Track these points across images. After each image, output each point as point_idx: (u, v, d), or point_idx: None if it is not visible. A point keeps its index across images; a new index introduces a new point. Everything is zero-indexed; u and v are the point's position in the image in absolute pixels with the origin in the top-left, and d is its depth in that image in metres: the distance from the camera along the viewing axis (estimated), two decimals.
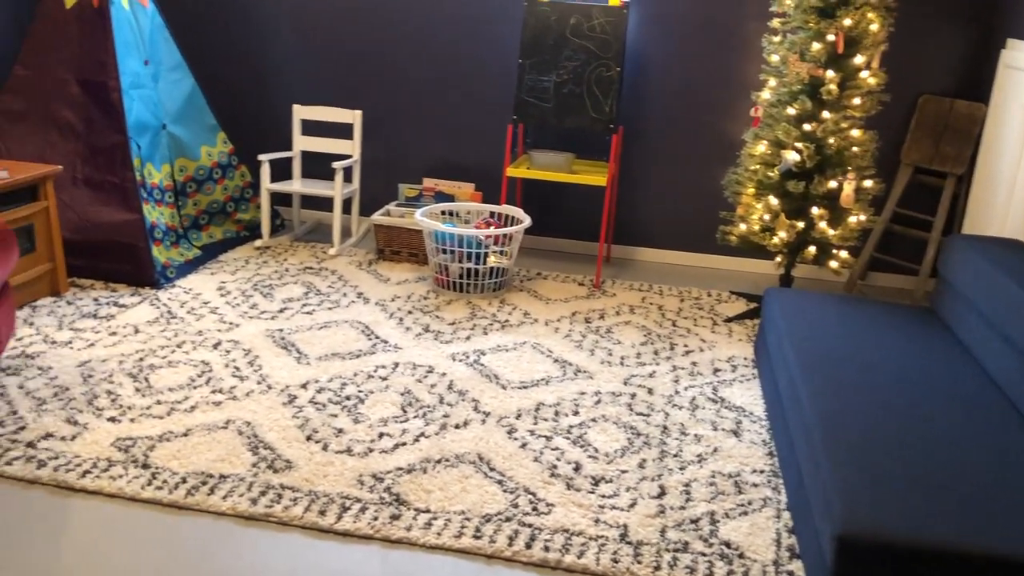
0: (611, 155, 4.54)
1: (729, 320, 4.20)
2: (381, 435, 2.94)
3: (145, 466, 2.67)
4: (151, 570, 2.26)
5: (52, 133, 4.21)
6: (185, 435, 2.86)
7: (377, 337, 3.74)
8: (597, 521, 2.53)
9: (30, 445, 2.75)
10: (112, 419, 2.93)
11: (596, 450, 2.93)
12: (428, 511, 2.53)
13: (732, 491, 2.74)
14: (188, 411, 3.02)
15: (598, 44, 4.45)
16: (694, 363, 3.67)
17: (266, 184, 4.78)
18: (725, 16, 4.64)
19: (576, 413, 3.18)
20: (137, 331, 3.64)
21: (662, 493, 2.70)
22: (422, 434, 2.96)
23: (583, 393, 3.34)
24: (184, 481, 2.61)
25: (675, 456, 2.92)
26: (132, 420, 2.93)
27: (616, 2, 4.45)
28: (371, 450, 2.84)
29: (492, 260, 4.25)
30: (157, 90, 4.50)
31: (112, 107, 4.16)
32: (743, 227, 4.18)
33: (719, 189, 4.86)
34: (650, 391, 3.39)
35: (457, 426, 3.03)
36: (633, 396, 3.34)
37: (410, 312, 4.05)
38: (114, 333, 3.60)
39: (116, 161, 4.15)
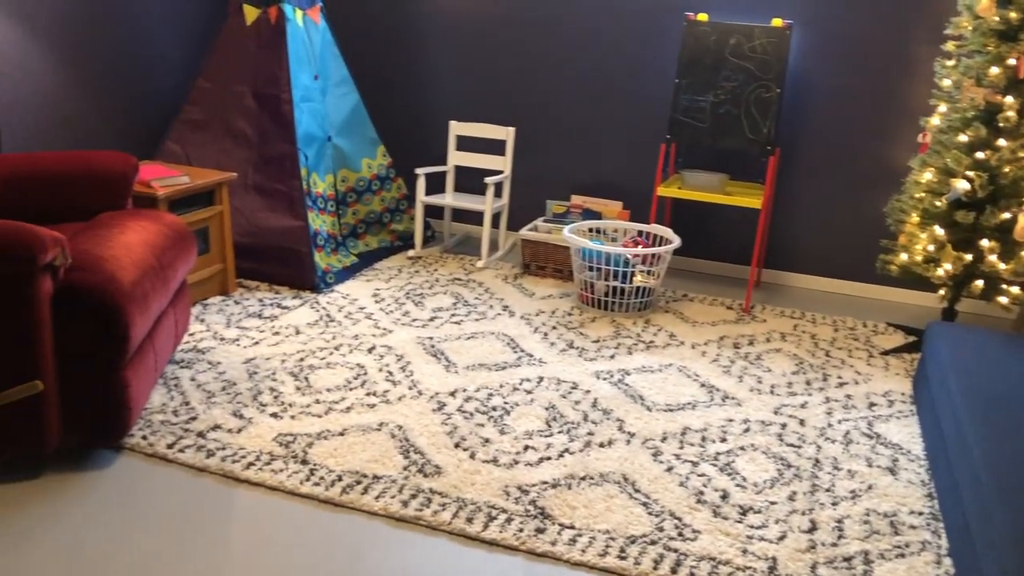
0: (767, 177, 4.45)
1: (886, 353, 4.03)
2: (526, 447, 2.97)
3: (304, 462, 2.80)
4: (306, 563, 2.37)
5: (228, 142, 4.49)
6: (341, 434, 2.98)
7: (522, 350, 3.79)
8: (745, 551, 2.48)
9: (200, 435, 2.93)
10: (274, 415, 3.09)
11: (744, 479, 2.86)
12: (572, 527, 2.55)
13: (888, 531, 2.63)
14: (344, 411, 3.15)
15: (758, 65, 4.37)
16: (848, 396, 3.54)
17: (421, 197, 4.93)
18: (892, 39, 4.48)
19: (724, 440, 3.12)
20: (298, 332, 3.82)
21: (813, 528, 2.62)
22: (566, 450, 2.98)
23: (731, 420, 3.28)
24: (340, 479, 2.72)
25: (827, 491, 2.82)
26: (293, 417, 3.08)
27: (779, 23, 4.37)
28: (516, 462, 2.88)
29: (639, 279, 4.24)
30: (324, 104, 4.72)
31: (283, 119, 4.39)
32: (905, 257, 4.01)
33: (879, 216, 4.67)
34: (801, 422, 3.29)
35: (601, 444, 3.03)
36: (783, 426, 3.25)
37: (554, 327, 4.08)
38: (277, 333, 3.80)
39: (285, 170, 4.38)
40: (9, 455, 2.66)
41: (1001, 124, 3.68)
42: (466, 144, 5.20)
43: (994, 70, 3.67)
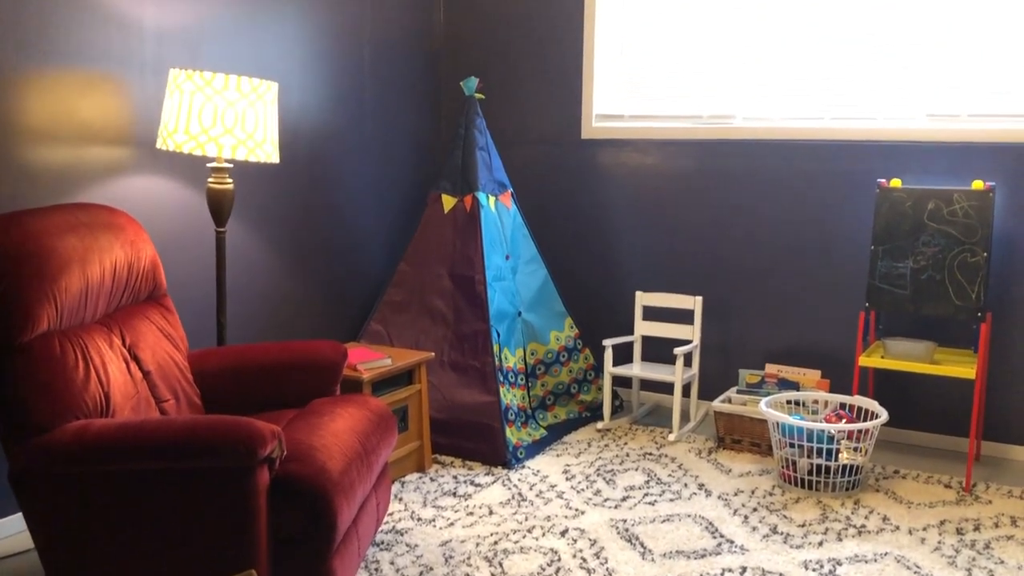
0: (980, 344, 4.16)
1: None
2: None
3: None
4: None
5: (426, 321, 4.72)
6: None
7: (722, 536, 3.62)
8: None
9: None
10: None
11: None
12: None
13: None
14: None
15: (960, 228, 4.18)
16: None
17: (609, 368, 4.94)
18: None
19: None
20: (491, 512, 3.83)
21: None
22: None
23: None
24: None
25: None
26: None
27: (980, 185, 4.19)
28: None
29: (845, 457, 4.00)
30: (515, 281, 4.90)
31: (478, 298, 4.59)
32: None
33: None
34: None
35: None
36: None
37: (755, 509, 3.89)
38: (471, 513, 3.82)
39: (478, 347, 4.53)
40: None
41: None
42: (652, 314, 5.21)
43: None
